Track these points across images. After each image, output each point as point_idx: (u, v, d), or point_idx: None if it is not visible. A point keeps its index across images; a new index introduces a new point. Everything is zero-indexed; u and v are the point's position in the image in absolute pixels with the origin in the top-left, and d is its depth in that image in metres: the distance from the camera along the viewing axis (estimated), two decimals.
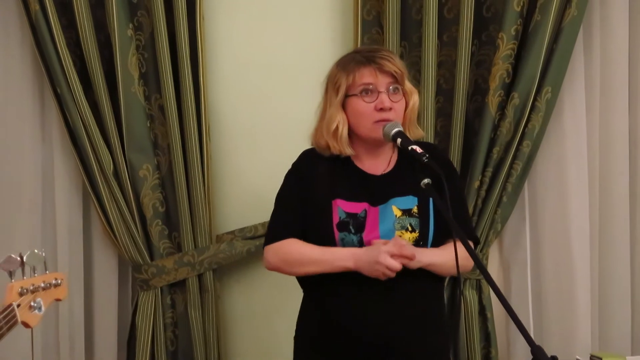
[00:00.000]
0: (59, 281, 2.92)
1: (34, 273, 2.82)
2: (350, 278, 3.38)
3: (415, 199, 3.45)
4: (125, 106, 4.16)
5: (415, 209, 3.44)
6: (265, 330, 4.36)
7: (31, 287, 2.78)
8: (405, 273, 3.35)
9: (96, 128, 4.14)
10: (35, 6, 4.05)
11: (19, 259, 2.77)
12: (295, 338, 3.59)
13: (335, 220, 3.42)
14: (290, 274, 3.55)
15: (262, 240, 3.84)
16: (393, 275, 3.32)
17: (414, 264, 3.34)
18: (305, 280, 3.54)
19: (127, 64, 4.16)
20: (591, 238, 4.32)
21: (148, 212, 4.22)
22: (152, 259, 4.24)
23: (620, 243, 4.34)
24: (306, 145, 3.58)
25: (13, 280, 2.73)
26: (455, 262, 3.19)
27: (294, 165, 3.58)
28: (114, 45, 4.12)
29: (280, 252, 3.50)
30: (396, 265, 3.29)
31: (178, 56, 4.15)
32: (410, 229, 3.41)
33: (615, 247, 4.35)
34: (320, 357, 3.49)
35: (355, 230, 3.42)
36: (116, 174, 4.19)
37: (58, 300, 2.95)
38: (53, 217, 4.27)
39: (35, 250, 2.84)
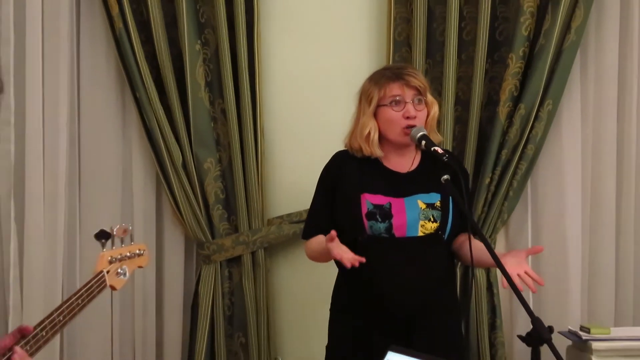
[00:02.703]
0: (142, 251, 2.98)
1: (122, 243, 2.87)
2: (374, 257, 3.43)
3: (439, 195, 3.52)
4: (193, 109, 4.19)
5: (438, 203, 3.52)
6: (307, 300, 4.36)
7: (119, 257, 2.84)
8: (427, 256, 3.50)
9: (168, 127, 4.18)
10: (119, 24, 4.11)
11: (109, 231, 2.82)
12: (331, 309, 3.66)
13: (364, 211, 3.49)
14: (319, 262, 3.69)
15: None
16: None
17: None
18: (337, 261, 3.51)
19: (195, 73, 4.18)
20: (583, 227, 4.33)
21: (210, 199, 4.24)
22: (213, 237, 4.25)
23: (608, 232, 4.35)
24: (342, 146, 3.65)
25: (104, 250, 2.80)
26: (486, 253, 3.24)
27: (326, 167, 3.67)
28: (184, 57, 4.15)
29: (308, 250, 3.66)
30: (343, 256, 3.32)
31: (238, 68, 4.19)
32: (432, 219, 3.49)
33: (603, 235, 4.36)
34: (351, 325, 3.55)
35: (381, 219, 3.49)
36: (184, 166, 4.22)
37: (140, 267, 3.01)
38: (131, 201, 4.31)
39: (124, 224, 2.89)
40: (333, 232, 3.33)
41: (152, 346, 4.34)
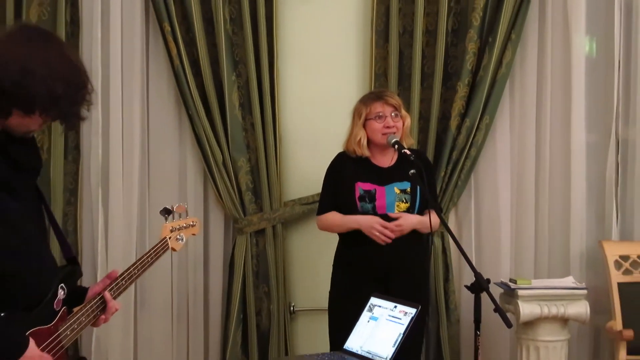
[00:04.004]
0: (194, 223, 2.99)
1: (179, 217, 2.90)
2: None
3: (409, 183, 3.61)
4: (230, 123, 4.22)
5: (408, 190, 3.62)
6: (312, 260, 4.37)
7: (178, 227, 2.87)
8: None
9: (212, 136, 4.21)
10: (177, 62, 4.14)
11: (170, 208, 2.86)
12: (333, 265, 3.76)
13: (357, 195, 3.61)
14: (331, 232, 3.74)
15: (314, 205, 4.06)
16: (383, 240, 3.49)
17: (397, 232, 3.52)
18: (341, 232, 3.69)
19: (232, 97, 4.21)
20: (511, 207, 4.37)
21: (243, 187, 4.26)
22: (244, 215, 4.26)
23: (529, 211, 4.36)
24: (340, 149, 3.73)
25: (167, 222, 2.84)
26: (427, 223, 3.45)
27: (331, 164, 3.74)
28: (223, 85, 4.19)
29: (324, 221, 3.70)
30: (383, 236, 3.49)
31: (262, 93, 4.21)
32: (404, 201, 3.61)
33: (525, 214, 4.37)
34: (348, 278, 3.65)
35: (369, 201, 3.59)
36: (224, 164, 4.24)
37: (193, 234, 3.02)
38: (185, 190, 4.33)
39: (181, 203, 2.94)
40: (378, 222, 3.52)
41: (201, 294, 4.37)
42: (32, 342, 2.13)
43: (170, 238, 2.83)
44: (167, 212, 2.87)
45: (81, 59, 2.30)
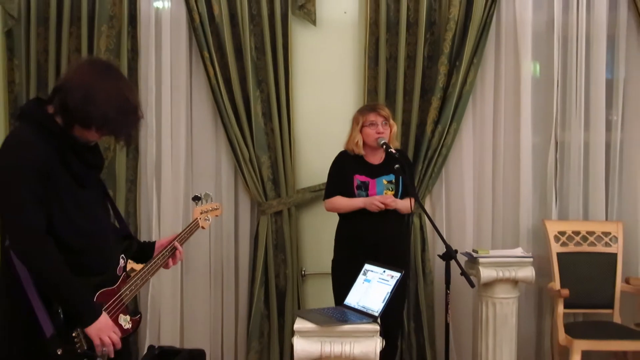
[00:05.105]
0: (218, 207, 3.02)
1: (206, 202, 2.93)
2: (361, 212, 3.58)
3: (393, 176, 3.68)
4: (255, 128, 4.20)
5: (393, 181, 3.68)
6: (320, 234, 4.27)
7: (205, 210, 2.92)
8: (388, 211, 3.58)
9: (241, 138, 4.19)
10: (213, 81, 4.15)
11: (199, 195, 2.91)
12: (335, 239, 3.78)
13: (355, 184, 3.66)
14: (336, 212, 3.73)
15: (320, 192, 4.08)
16: (380, 208, 3.53)
17: (391, 206, 3.58)
18: (345, 212, 3.66)
19: (256, 108, 4.21)
20: (474, 194, 4.29)
21: (265, 178, 4.24)
22: (266, 200, 4.23)
23: (487, 196, 4.28)
24: (341, 149, 3.73)
25: (197, 206, 2.90)
26: (406, 207, 3.54)
27: (334, 160, 3.77)
28: (250, 99, 4.16)
29: (331, 203, 3.70)
30: (381, 205, 3.54)
31: (280, 105, 4.19)
32: (391, 189, 3.66)
33: (485, 198, 4.29)
34: (346, 249, 3.67)
35: (364, 190, 3.65)
36: (250, 161, 4.21)
37: (217, 215, 3.04)
38: (220, 181, 4.31)
39: (207, 192, 3.01)
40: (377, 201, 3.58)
41: (232, 261, 4.38)
42: (104, 313, 2.22)
43: (200, 219, 2.89)
44: (197, 198, 2.93)
45: (133, 88, 2.43)
